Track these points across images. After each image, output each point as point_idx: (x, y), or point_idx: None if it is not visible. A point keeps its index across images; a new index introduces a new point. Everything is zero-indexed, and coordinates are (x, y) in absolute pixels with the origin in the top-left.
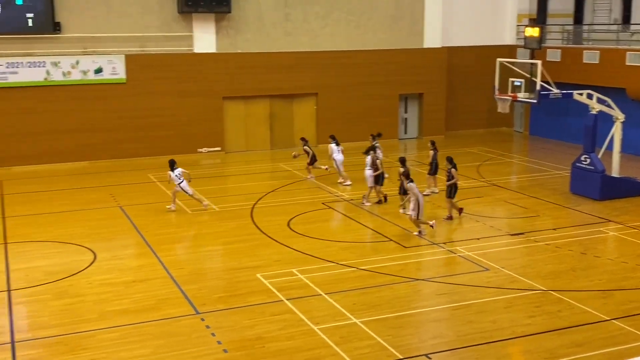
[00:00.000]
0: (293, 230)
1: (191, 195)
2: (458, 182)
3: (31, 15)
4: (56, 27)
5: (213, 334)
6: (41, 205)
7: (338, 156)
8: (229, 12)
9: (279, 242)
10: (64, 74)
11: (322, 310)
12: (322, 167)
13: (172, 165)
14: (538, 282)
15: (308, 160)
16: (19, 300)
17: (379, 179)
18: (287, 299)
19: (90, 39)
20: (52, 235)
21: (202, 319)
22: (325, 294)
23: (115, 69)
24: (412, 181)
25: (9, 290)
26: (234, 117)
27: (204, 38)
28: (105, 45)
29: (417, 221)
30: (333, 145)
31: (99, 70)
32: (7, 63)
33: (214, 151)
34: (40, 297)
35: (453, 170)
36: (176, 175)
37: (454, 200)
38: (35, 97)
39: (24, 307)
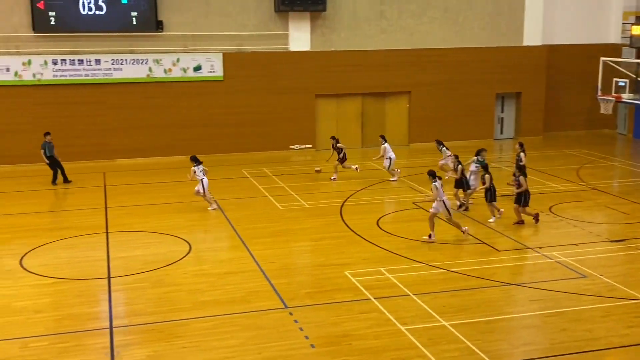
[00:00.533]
0: (382, 229)
1: (204, 195)
2: (521, 191)
3: (135, 13)
4: (159, 26)
5: (301, 329)
6: (141, 197)
7: (392, 155)
8: (324, 10)
9: (367, 241)
10: (165, 71)
11: (410, 310)
12: (352, 166)
13: (196, 161)
14: (638, 292)
15: (338, 158)
16: (118, 288)
17: (461, 184)
18: (374, 298)
19: (190, 38)
20: (151, 226)
21: (290, 314)
22: (414, 294)
23: (213, 66)
24: (436, 180)
25: (109, 278)
26: (325, 114)
27: (299, 36)
28: (204, 43)
29: (451, 220)
30: (387, 145)
31: (197, 68)
32: (113, 60)
33: (305, 148)
34: (138, 285)
35: (522, 178)
36: (201, 171)
37: (527, 208)
38: (138, 93)
39: (122, 294)
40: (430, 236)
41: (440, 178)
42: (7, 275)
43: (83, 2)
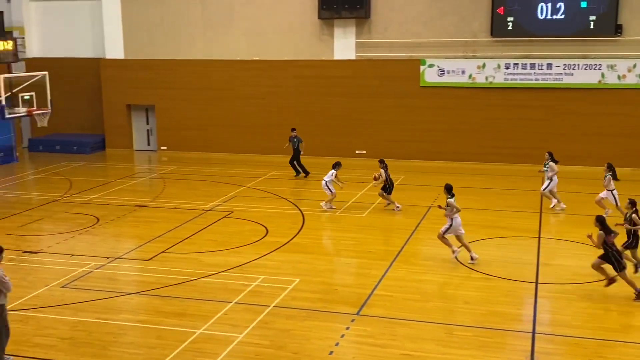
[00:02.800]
0: None
1: (330, 194)
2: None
3: (593, 17)
4: (617, 30)
5: None
6: (579, 206)
7: (556, 178)
8: None
9: None
10: (618, 77)
11: None
12: (395, 205)
13: (335, 166)
14: None
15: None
16: (545, 294)
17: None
18: None
19: None
20: (584, 237)
21: None
22: None
23: None
24: (452, 196)
25: (536, 283)
26: None
27: None
28: None
29: (442, 237)
30: (553, 164)
31: None
32: (565, 65)
33: None
34: (565, 296)
35: (634, 216)
36: (331, 174)
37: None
38: (588, 100)
39: (548, 302)
40: (472, 258)
41: (452, 196)
42: (442, 263)
43: (542, 7)
